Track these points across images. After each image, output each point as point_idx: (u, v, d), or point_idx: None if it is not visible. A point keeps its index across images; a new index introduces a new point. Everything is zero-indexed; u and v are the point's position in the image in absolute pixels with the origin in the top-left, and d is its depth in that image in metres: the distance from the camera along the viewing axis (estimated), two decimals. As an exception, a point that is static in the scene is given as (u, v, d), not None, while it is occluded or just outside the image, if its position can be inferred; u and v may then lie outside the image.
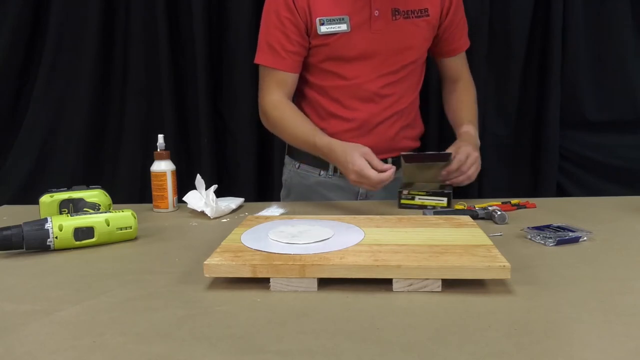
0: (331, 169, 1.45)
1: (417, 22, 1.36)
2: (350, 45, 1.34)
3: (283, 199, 1.56)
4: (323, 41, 1.34)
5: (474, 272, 0.78)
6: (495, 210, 1.16)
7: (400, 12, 1.35)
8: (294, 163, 1.51)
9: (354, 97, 1.38)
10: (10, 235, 0.98)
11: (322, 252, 0.84)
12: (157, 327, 0.69)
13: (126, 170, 1.91)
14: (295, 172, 1.51)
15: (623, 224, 1.13)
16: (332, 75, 1.38)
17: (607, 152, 1.82)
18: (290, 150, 1.53)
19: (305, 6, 1.33)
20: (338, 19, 1.33)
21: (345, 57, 1.36)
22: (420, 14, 1.36)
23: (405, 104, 1.43)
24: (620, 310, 0.71)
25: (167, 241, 1.09)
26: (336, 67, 1.37)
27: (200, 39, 1.80)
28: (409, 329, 0.67)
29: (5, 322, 0.72)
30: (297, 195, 1.50)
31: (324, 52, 1.36)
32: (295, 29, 1.34)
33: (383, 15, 1.33)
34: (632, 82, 1.78)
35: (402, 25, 1.35)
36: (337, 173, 1.44)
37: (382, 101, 1.39)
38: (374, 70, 1.37)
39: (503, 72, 1.81)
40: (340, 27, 1.33)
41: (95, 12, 1.82)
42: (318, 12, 1.33)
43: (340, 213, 1.26)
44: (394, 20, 1.34)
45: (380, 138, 1.40)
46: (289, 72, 1.39)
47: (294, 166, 1.51)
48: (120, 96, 1.90)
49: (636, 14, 1.77)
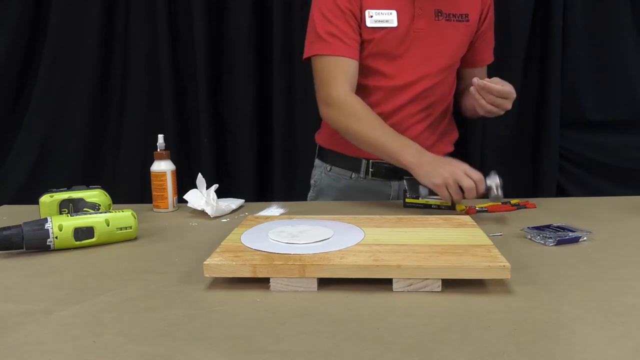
0: (362, 172, 1.43)
1: (458, 26, 1.36)
2: (396, 41, 1.33)
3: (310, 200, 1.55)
4: (372, 35, 1.32)
5: (474, 272, 0.78)
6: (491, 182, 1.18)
7: (442, 14, 1.34)
8: (325, 166, 1.50)
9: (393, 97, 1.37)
10: (10, 235, 0.98)
11: (322, 252, 0.84)
12: (157, 327, 0.69)
13: (126, 170, 1.91)
14: (326, 175, 1.50)
15: (623, 224, 1.13)
16: (374, 74, 1.36)
17: (607, 152, 1.82)
18: (321, 153, 1.52)
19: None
20: (387, 12, 1.31)
21: (390, 54, 1.34)
22: (461, 19, 1.36)
23: (443, 107, 1.43)
24: (620, 310, 0.71)
25: (167, 241, 1.09)
26: (379, 64, 1.35)
27: (200, 39, 1.80)
28: (409, 329, 0.67)
29: (5, 322, 0.72)
30: (327, 198, 1.50)
31: (372, 47, 1.34)
32: (354, 17, 1.32)
33: (426, 14, 1.33)
34: (632, 82, 1.77)
35: (443, 27, 1.34)
36: (368, 176, 1.43)
37: (419, 103, 1.38)
38: (415, 70, 1.36)
39: (503, 71, 1.81)
40: (389, 21, 1.31)
41: (95, 12, 1.82)
42: (368, 4, 1.31)
43: (341, 213, 1.26)
44: (436, 20, 1.34)
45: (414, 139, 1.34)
46: (353, 58, 1.32)
47: (325, 169, 1.50)
48: (120, 96, 1.90)
49: (636, 14, 1.77)
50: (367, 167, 1.42)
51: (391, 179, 1.44)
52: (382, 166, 1.41)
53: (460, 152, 1.83)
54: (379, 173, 1.42)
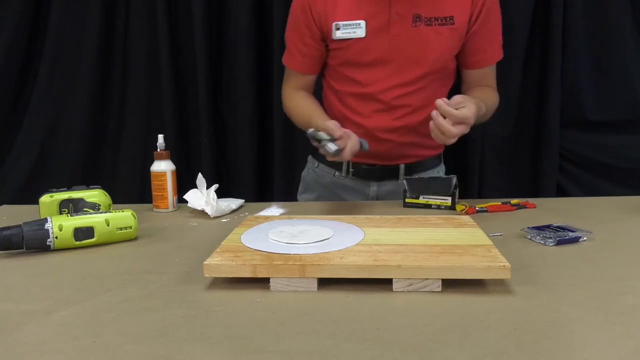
0: (344, 171, 1.46)
1: (441, 30, 1.30)
2: (365, 50, 1.31)
3: (299, 195, 1.59)
4: (338, 45, 1.33)
5: (474, 272, 0.78)
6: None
7: (421, 19, 1.29)
8: (314, 162, 1.54)
9: (367, 105, 1.36)
10: (10, 235, 0.98)
11: (322, 252, 0.84)
12: (157, 327, 0.69)
13: (126, 170, 1.91)
14: (313, 171, 1.54)
15: (623, 224, 1.13)
16: (348, 80, 1.37)
17: (607, 152, 1.82)
18: (313, 151, 1.54)
19: (321, 10, 1.33)
20: (354, 24, 1.30)
21: (360, 63, 1.34)
22: (445, 22, 1.30)
23: (422, 117, 1.33)
24: (620, 310, 0.71)
25: (167, 241, 1.09)
26: (351, 72, 1.36)
27: (200, 39, 1.81)
28: (409, 329, 0.67)
29: (5, 322, 0.72)
30: (312, 193, 1.53)
31: (340, 56, 1.35)
32: (308, 32, 1.36)
33: (403, 20, 1.29)
34: (632, 82, 1.78)
35: (422, 32, 1.29)
36: (349, 175, 1.46)
37: (395, 112, 1.35)
38: (389, 78, 1.33)
39: (503, 72, 1.81)
40: (356, 32, 1.30)
41: (95, 12, 1.82)
42: (335, 17, 1.31)
43: (341, 213, 1.26)
44: (414, 26, 1.29)
45: (391, 146, 1.38)
46: (303, 73, 1.43)
47: (313, 165, 1.54)
48: (120, 96, 1.90)
49: (636, 14, 1.77)
50: (348, 167, 1.45)
51: (370, 180, 1.45)
52: (361, 167, 1.44)
53: (460, 152, 1.84)
54: (358, 173, 1.45)
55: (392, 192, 1.45)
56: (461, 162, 1.84)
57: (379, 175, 1.44)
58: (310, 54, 1.39)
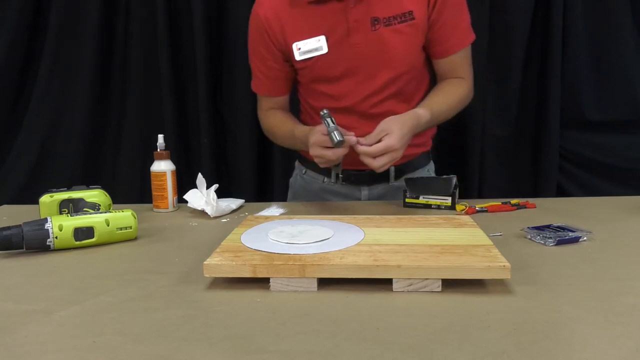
0: (333, 177, 1.44)
1: (401, 28, 1.25)
2: (330, 65, 1.29)
3: (289, 201, 1.57)
4: (303, 65, 1.31)
5: (474, 272, 0.78)
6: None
7: (380, 21, 1.24)
8: (301, 168, 1.52)
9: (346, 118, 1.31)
10: (10, 235, 0.98)
11: (322, 252, 0.84)
12: (157, 327, 0.69)
13: (126, 170, 1.91)
14: (300, 178, 1.52)
15: (623, 224, 1.13)
16: (322, 96, 1.34)
17: (607, 152, 1.82)
18: (300, 157, 1.54)
19: (279, 33, 1.30)
20: (314, 40, 1.27)
21: (329, 78, 1.31)
22: (404, 19, 1.25)
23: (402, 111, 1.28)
24: (620, 310, 0.71)
25: (167, 241, 1.09)
26: (323, 87, 1.33)
27: (200, 39, 1.81)
28: (409, 329, 0.67)
29: (5, 322, 0.72)
30: (302, 200, 1.51)
31: (307, 74, 1.33)
32: (270, 56, 1.34)
33: (361, 26, 1.25)
34: (632, 82, 1.78)
35: (383, 35, 1.25)
36: (339, 180, 1.43)
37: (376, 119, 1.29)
38: (361, 88, 1.30)
39: (503, 71, 1.81)
40: (318, 49, 1.27)
41: (95, 12, 1.82)
42: (294, 37, 1.28)
43: (341, 213, 1.26)
44: (373, 30, 1.25)
45: None
46: (271, 96, 1.41)
47: (300, 171, 1.52)
48: (120, 96, 1.90)
49: (636, 14, 1.77)
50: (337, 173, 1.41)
51: (360, 184, 1.43)
52: (350, 173, 1.40)
53: (460, 152, 1.84)
54: (347, 179, 1.42)
55: (384, 194, 1.44)
56: (461, 162, 1.84)
57: (369, 180, 1.42)
58: (276, 76, 1.37)
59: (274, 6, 1.30)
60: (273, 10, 1.30)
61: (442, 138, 1.84)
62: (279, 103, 1.43)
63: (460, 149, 1.84)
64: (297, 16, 1.28)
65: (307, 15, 1.27)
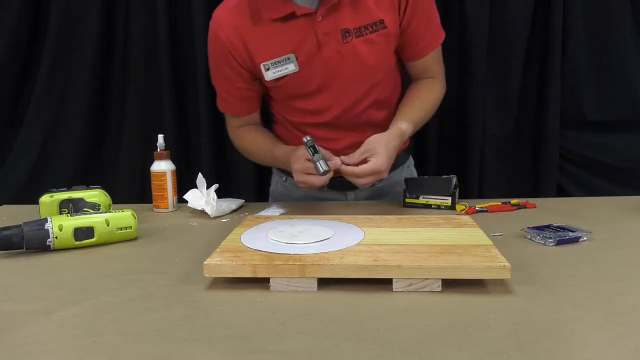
0: None
1: (373, 38, 1.21)
2: (303, 82, 1.24)
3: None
4: (274, 84, 1.26)
5: (474, 272, 0.78)
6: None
7: (351, 32, 1.19)
8: (281, 175, 1.48)
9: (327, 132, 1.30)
10: (10, 235, 0.98)
11: (322, 252, 0.84)
12: (157, 327, 0.69)
13: (126, 170, 1.91)
14: (281, 185, 1.48)
15: (623, 224, 1.13)
16: (300, 112, 1.30)
17: (607, 152, 1.82)
18: None
19: (244, 55, 1.24)
20: (283, 59, 1.21)
21: (304, 94, 1.27)
22: (376, 28, 1.20)
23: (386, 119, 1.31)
24: (620, 310, 0.71)
25: (167, 241, 1.09)
26: (300, 104, 1.29)
27: (200, 39, 1.80)
28: (409, 329, 0.67)
29: (5, 322, 0.72)
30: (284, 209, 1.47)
31: (281, 92, 1.29)
32: (237, 77, 1.28)
33: (332, 39, 1.20)
34: (632, 82, 1.78)
35: (355, 47, 1.20)
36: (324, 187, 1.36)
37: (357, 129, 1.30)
38: (338, 102, 1.27)
39: (503, 72, 1.81)
40: (288, 67, 1.22)
41: (95, 12, 1.82)
42: (261, 57, 1.23)
43: (341, 213, 1.26)
44: (345, 43, 1.20)
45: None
46: (242, 115, 1.37)
47: (280, 178, 1.48)
48: (120, 96, 1.90)
49: (636, 14, 1.77)
50: None
51: (346, 190, 1.41)
52: (336, 180, 1.28)
53: (460, 152, 1.84)
54: (333, 186, 1.34)
55: (370, 196, 1.42)
56: (461, 162, 1.84)
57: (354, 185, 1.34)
58: (246, 96, 1.32)
59: (235, 25, 1.22)
60: (234, 30, 1.22)
61: (443, 138, 1.85)
62: (251, 120, 1.38)
63: (460, 149, 1.84)
64: (261, 34, 1.22)
65: (272, 33, 1.21)
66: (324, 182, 1.16)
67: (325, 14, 1.18)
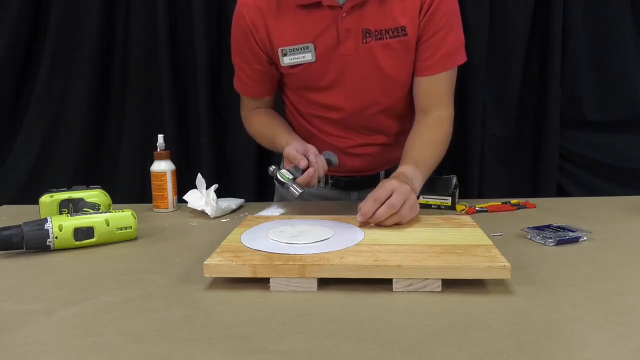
0: (322, 182, 1.41)
1: (392, 44, 1.19)
2: (318, 74, 1.23)
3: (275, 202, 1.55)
4: (289, 71, 1.25)
5: (474, 272, 0.78)
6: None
7: (371, 34, 1.18)
8: None
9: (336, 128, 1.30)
10: (10, 235, 0.98)
11: (322, 252, 0.84)
12: (157, 327, 0.69)
13: (126, 170, 1.91)
14: None
15: (623, 224, 1.13)
16: (312, 104, 1.30)
17: (607, 152, 1.82)
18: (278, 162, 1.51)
19: (264, 37, 1.23)
20: (302, 47, 1.20)
21: (317, 87, 1.26)
22: (396, 34, 1.18)
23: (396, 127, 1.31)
24: (620, 310, 0.71)
25: (167, 241, 1.09)
26: (312, 95, 1.28)
27: (200, 39, 1.80)
28: (409, 329, 0.67)
29: (5, 322, 0.72)
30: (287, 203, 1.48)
31: (295, 81, 1.28)
32: (255, 58, 1.27)
33: (353, 37, 1.19)
34: (632, 82, 1.77)
35: (374, 49, 1.19)
36: (328, 186, 1.41)
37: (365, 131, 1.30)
38: (350, 102, 1.25)
39: (503, 72, 1.81)
40: (305, 57, 1.21)
41: (95, 12, 1.82)
42: (280, 42, 1.22)
43: (341, 213, 1.25)
44: (364, 43, 1.19)
45: (368, 159, 1.35)
46: (255, 97, 1.37)
47: None
48: (121, 96, 1.90)
49: (636, 14, 1.77)
50: (327, 178, 1.40)
51: (350, 190, 1.41)
52: (340, 179, 1.38)
53: (460, 152, 1.84)
54: (337, 185, 1.39)
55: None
56: (461, 162, 1.84)
57: (359, 185, 1.38)
58: (261, 79, 1.32)
59: (260, 7, 1.22)
60: (259, 12, 1.22)
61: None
62: (264, 103, 1.39)
63: (460, 149, 1.84)
64: (285, 19, 1.21)
65: (295, 20, 1.20)
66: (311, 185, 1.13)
67: (349, 10, 1.18)
